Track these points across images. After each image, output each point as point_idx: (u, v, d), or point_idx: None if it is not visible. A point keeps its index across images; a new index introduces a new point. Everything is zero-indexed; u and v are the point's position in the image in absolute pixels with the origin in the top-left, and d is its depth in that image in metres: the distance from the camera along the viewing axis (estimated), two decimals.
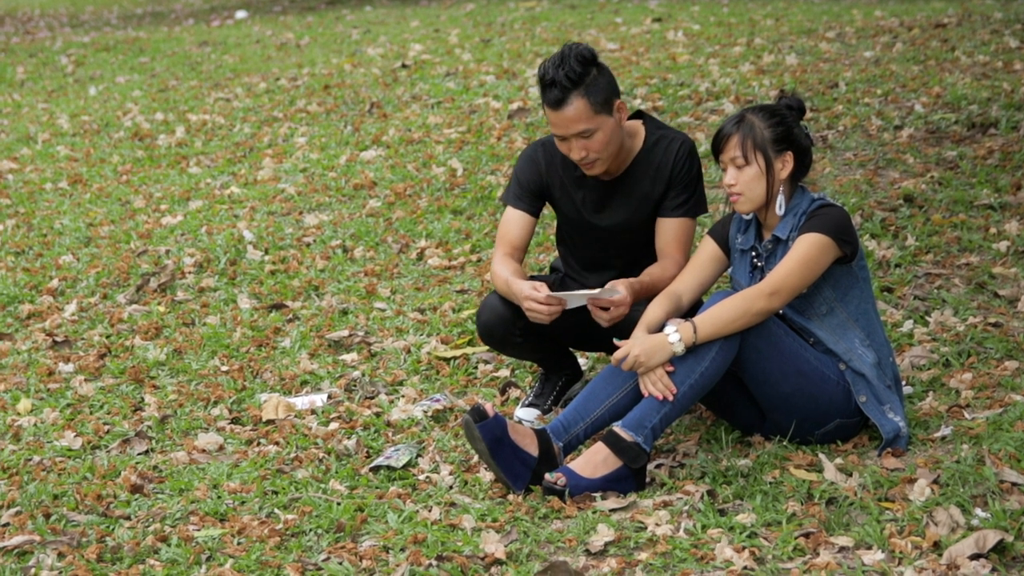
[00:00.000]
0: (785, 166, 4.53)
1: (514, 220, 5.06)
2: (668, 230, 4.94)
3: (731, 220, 4.73)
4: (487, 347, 5.40)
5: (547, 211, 7.08)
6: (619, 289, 4.69)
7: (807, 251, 4.43)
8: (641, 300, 4.79)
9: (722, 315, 4.40)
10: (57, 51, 14.92)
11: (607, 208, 5.02)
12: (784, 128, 4.52)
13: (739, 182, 4.52)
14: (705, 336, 4.40)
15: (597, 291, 4.68)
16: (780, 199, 4.54)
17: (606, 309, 4.71)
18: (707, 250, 4.76)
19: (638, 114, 5.02)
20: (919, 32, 10.51)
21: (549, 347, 5.16)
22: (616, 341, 4.55)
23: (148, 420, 5.31)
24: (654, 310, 4.60)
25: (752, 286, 4.47)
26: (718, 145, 4.56)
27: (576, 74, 4.70)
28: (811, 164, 4.62)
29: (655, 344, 4.41)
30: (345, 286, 6.58)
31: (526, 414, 5.17)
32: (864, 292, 4.58)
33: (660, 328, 4.52)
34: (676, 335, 4.39)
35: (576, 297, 4.72)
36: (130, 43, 15.02)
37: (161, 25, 17.45)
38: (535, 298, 4.69)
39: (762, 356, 4.47)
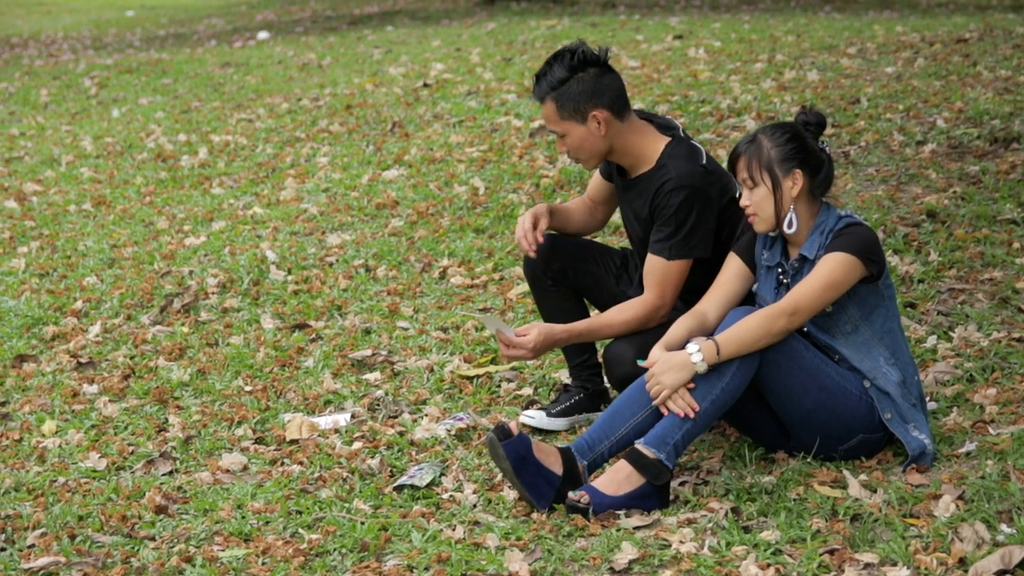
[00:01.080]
0: (795, 184, 4.52)
1: (594, 177, 5.28)
2: (646, 263, 4.94)
3: (756, 236, 4.74)
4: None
5: None
6: (530, 333, 4.84)
7: (832, 271, 4.42)
8: (581, 343, 5.08)
9: (744, 336, 4.40)
10: (80, 73, 14.99)
11: (623, 200, 5.09)
12: (794, 145, 4.51)
13: (752, 203, 4.54)
14: (728, 355, 4.40)
15: (505, 326, 4.86)
16: (790, 217, 4.54)
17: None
18: (733, 267, 4.75)
19: (670, 128, 4.99)
20: (940, 47, 10.49)
21: (574, 315, 5.15)
22: (640, 363, 4.55)
23: (172, 441, 5.32)
24: (677, 329, 4.59)
25: (773, 304, 4.47)
26: (732, 166, 4.59)
27: (555, 79, 4.85)
28: (832, 179, 4.61)
29: (677, 362, 4.41)
30: (368, 305, 6.59)
31: (532, 413, 5.24)
32: (889, 311, 4.58)
33: (681, 347, 4.52)
34: (699, 354, 4.39)
35: (492, 321, 4.90)
36: (153, 65, 15.09)
37: (184, 47, 17.52)
38: (522, 228, 5.03)
39: (783, 371, 4.47)
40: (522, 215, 5.09)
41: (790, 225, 4.55)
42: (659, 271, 4.89)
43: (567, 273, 5.14)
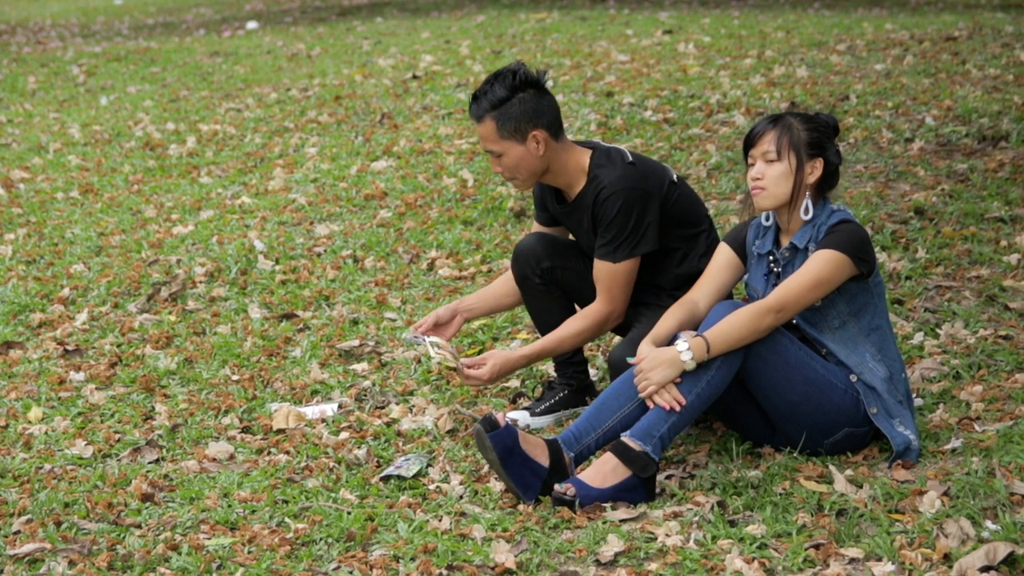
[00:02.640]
0: (814, 171, 4.54)
1: (535, 229, 5.35)
2: (594, 269, 5.04)
3: (748, 226, 4.75)
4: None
5: None
6: (486, 363, 4.97)
7: (821, 269, 4.43)
8: (536, 362, 5.21)
9: (732, 332, 4.40)
10: (68, 61, 14.96)
11: (568, 226, 5.19)
12: (819, 135, 4.55)
13: (766, 177, 4.53)
14: (717, 352, 4.40)
15: (458, 357, 5.02)
16: (807, 203, 4.55)
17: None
18: (723, 256, 4.77)
19: (590, 145, 5.11)
20: (930, 45, 10.51)
21: (564, 314, 5.19)
22: (629, 360, 4.56)
23: (159, 429, 5.31)
24: (667, 321, 4.61)
25: (760, 301, 4.47)
26: (751, 140, 4.57)
27: (495, 98, 4.91)
28: (837, 181, 4.64)
29: (666, 359, 4.41)
30: (356, 296, 6.59)
31: (516, 414, 5.25)
32: (878, 308, 4.59)
33: (670, 340, 4.53)
34: (688, 352, 4.39)
35: (443, 352, 5.04)
36: (141, 53, 15.06)
37: (172, 35, 17.49)
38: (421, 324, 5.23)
39: (767, 364, 4.48)
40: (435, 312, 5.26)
41: (806, 212, 4.56)
42: (607, 276, 4.99)
43: (555, 272, 5.17)
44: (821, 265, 4.44)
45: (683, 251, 5.06)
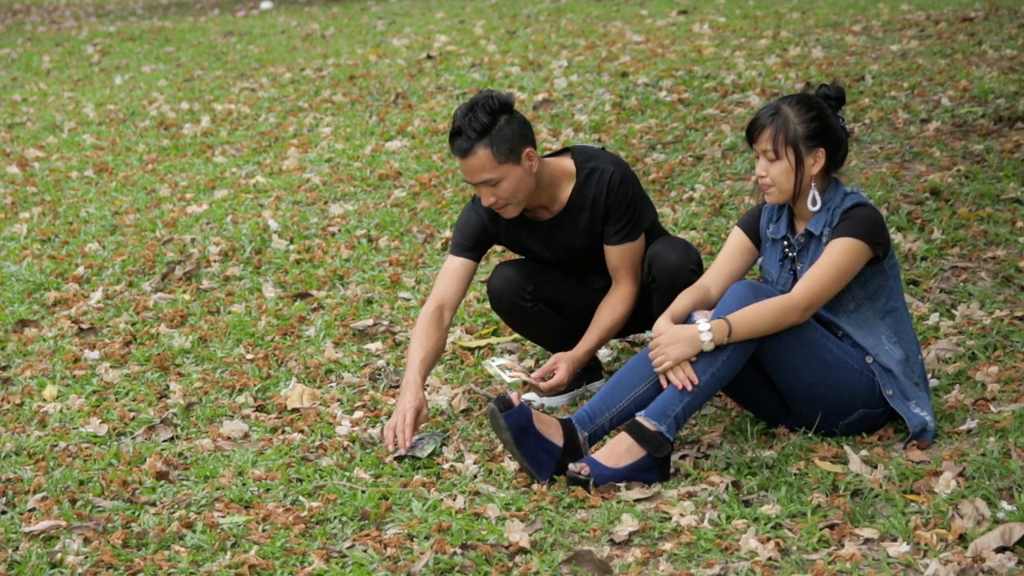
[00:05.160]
0: (816, 162, 4.52)
1: (452, 268, 5.11)
2: (614, 257, 5.08)
3: (761, 210, 4.73)
4: (499, 317, 5.46)
5: None
6: (559, 368, 5.03)
7: (841, 258, 4.42)
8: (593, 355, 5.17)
9: (756, 323, 4.39)
10: (83, 40, 14.96)
11: (553, 244, 5.14)
12: (819, 123, 4.51)
13: (770, 175, 4.52)
14: (738, 339, 4.39)
15: (528, 374, 5.08)
16: (813, 194, 4.53)
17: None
18: (736, 241, 4.75)
19: (566, 149, 5.12)
20: (946, 26, 10.47)
21: (562, 325, 5.22)
22: (647, 334, 4.56)
23: (173, 407, 5.32)
24: (682, 302, 4.60)
25: (788, 296, 4.43)
26: (752, 134, 4.55)
27: (481, 125, 4.83)
28: (846, 156, 4.61)
29: (685, 336, 4.40)
30: (370, 275, 6.59)
31: (530, 396, 5.26)
32: (894, 290, 4.58)
33: (685, 319, 4.52)
34: (708, 333, 4.38)
35: (520, 374, 5.09)
36: (156, 33, 15.05)
37: (187, 15, 17.48)
38: (403, 423, 4.78)
39: (784, 345, 4.47)
40: (398, 410, 4.80)
41: (814, 203, 4.54)
42: (630, 256, 5.07)
43: (542, 290, 5.20)
44: (840, 255, 4.43)
45: None
